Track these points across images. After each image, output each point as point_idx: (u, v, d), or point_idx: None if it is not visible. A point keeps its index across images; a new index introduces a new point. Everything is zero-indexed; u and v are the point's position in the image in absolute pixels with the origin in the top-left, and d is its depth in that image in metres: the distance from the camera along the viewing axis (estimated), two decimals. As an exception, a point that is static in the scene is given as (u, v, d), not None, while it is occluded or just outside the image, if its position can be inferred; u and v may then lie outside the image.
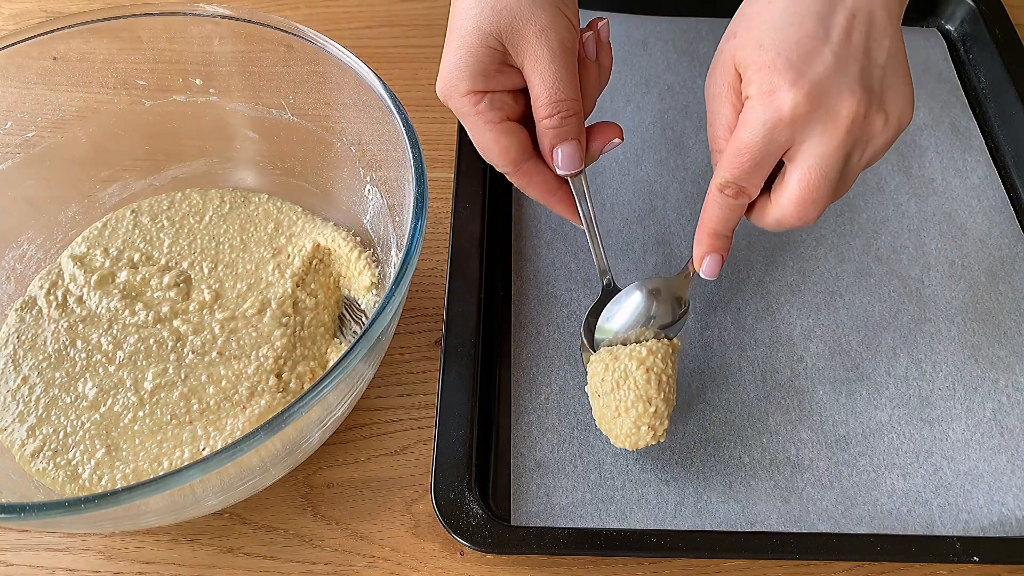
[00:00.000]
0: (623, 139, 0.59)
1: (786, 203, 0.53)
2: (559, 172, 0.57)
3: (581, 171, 0.58)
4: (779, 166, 0.54)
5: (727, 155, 0.53)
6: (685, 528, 0.60)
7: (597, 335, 0.63)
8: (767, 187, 0.55)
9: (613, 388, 0.60)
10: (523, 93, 0.56)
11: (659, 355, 0.60)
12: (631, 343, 0.62)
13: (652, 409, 0.59)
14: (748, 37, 0.53)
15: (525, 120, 0.57)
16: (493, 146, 0.56)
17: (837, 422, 0.65)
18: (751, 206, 0.57)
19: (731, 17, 0.91)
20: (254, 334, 0.64)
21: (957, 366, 0.68)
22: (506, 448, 0.63)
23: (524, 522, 0.60)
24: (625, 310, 0.62)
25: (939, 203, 0.77)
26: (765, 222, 0.56)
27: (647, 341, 0.61)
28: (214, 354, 0.63)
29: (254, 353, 0.63)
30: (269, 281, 0.67)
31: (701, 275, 0.59)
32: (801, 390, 0.67)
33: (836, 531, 0.60)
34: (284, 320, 0.65)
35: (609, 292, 0.64)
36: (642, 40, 0.89)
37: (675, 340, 0.62)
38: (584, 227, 0.61)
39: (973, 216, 0.76)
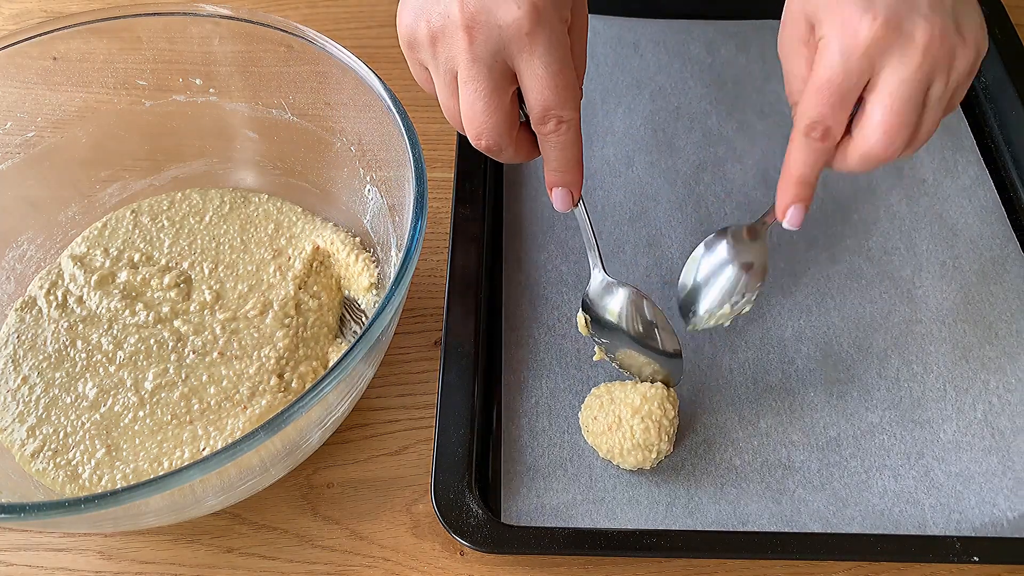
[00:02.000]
0: None
1: (871, 133, 0.52)
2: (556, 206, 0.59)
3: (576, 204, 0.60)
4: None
5: (808, 95, 0.53)
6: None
7: (692, 318, 0.64)
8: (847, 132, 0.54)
9: (606, 430, 0.61)
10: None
11: (655, 402, 0.61)
12: (628, 379, 0.63)
13: (653, 455, 0.60)
14: None
15: None
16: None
17: (828, 424, 0.65)
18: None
19: (721, 20, 0.92)
20: (256, 335, 0.64)
21: (948, 367, 0.68)
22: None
23: (515, 523, 0.60)
24: (717, 287, 0.63)
25: (930, 204, 0.78)
26: (849, 163, 0.55)
27: (639, 386, 0.62)
28: (215, 354, 0.63)
29: (256, 353, 0.63)
30: (271, 283, 0.67)
31: (785, 225, 0.57)
32: (792, 392, 0.67)
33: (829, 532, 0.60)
34: (287, 321, 0.65)
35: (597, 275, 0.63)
36: (633, 42, 0.89)
37: (671, 389, 0.62)
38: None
39: (964, 217, 0.77)
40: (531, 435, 0.64)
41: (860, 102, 0.53)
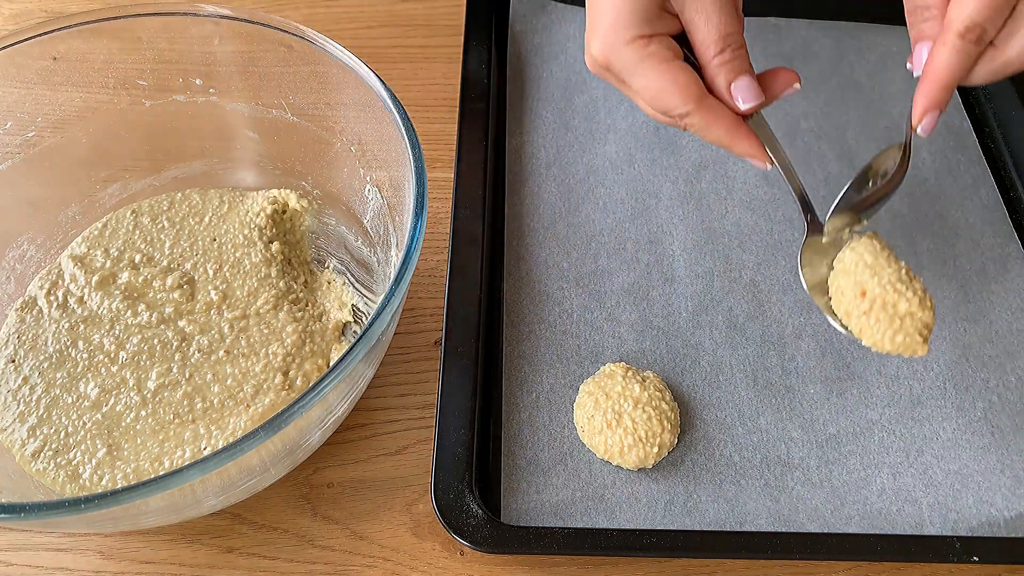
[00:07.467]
0: (800, 84, 0.57)
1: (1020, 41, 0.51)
2: (741, 107, 0.55)
3: (761, 104, 0.56)
4: None
5: None
6: (675, 527, 0.60)
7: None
8: None
9: (604, 428, 0.61)
10: (678, 39, 0.55)
11: (652, 387, 0.61)
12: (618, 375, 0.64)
13: (654, 450, 0.60)
14: None
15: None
16: (671, 86, 0.53)
17: (828, 421, 0.65)
18: None
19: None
20: (266, 330, 0.64)
21: (948, 365, 0.68)
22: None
23: (514, 520, 0.60)
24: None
25: (932, 203, 0.78)
26: (980, 73, 0.53)
27: (633, 375, 0.63)
28: (221, 352, 0.63)
29: (263, 350, 0.63)
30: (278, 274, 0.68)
31: (919, 133, 0.55)
32: (792, 389, 0.67)
33: (826, 530, 0.60)
34: (298, 316, 0.65)
35: (814, 230, 0.59)
36: (637, 39, 0.89)
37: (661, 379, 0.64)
38: (775, 165, 0.57)
39: (966, 216, 0.77)
40: (531, 430, 0.64)
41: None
